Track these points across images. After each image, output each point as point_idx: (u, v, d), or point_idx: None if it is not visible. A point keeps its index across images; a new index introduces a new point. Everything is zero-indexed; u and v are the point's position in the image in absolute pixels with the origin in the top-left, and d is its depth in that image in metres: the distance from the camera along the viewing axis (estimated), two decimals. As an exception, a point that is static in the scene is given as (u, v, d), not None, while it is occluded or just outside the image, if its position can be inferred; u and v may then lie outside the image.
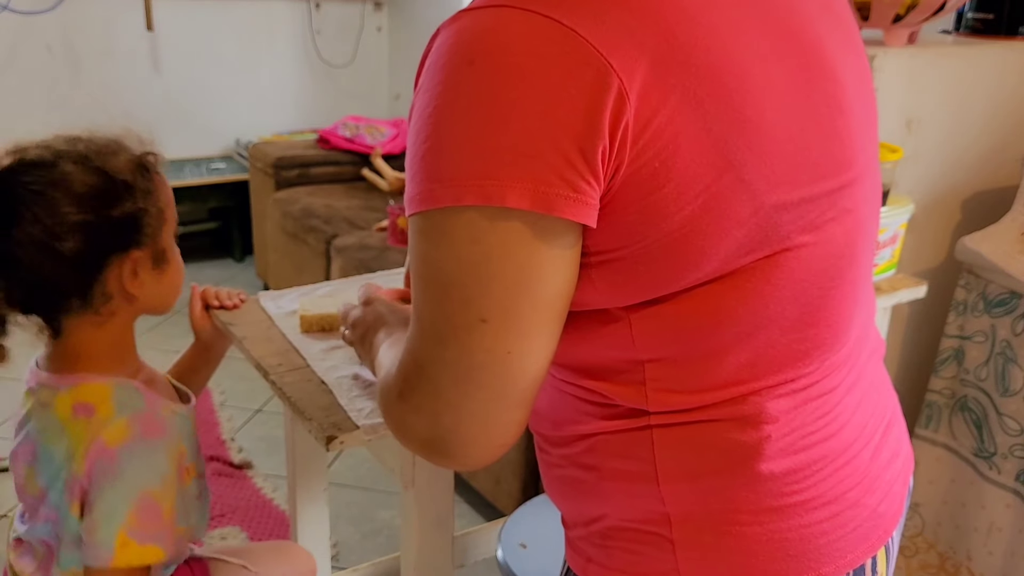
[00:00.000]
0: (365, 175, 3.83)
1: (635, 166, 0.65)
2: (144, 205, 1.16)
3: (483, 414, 0.70)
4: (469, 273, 0.67)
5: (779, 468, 0.75)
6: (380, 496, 2.60)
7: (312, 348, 1.28)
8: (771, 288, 0.72)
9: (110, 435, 1.08)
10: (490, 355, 0.68)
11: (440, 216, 0.66)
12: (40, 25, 4.03)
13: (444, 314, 0.68)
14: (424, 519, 1.15)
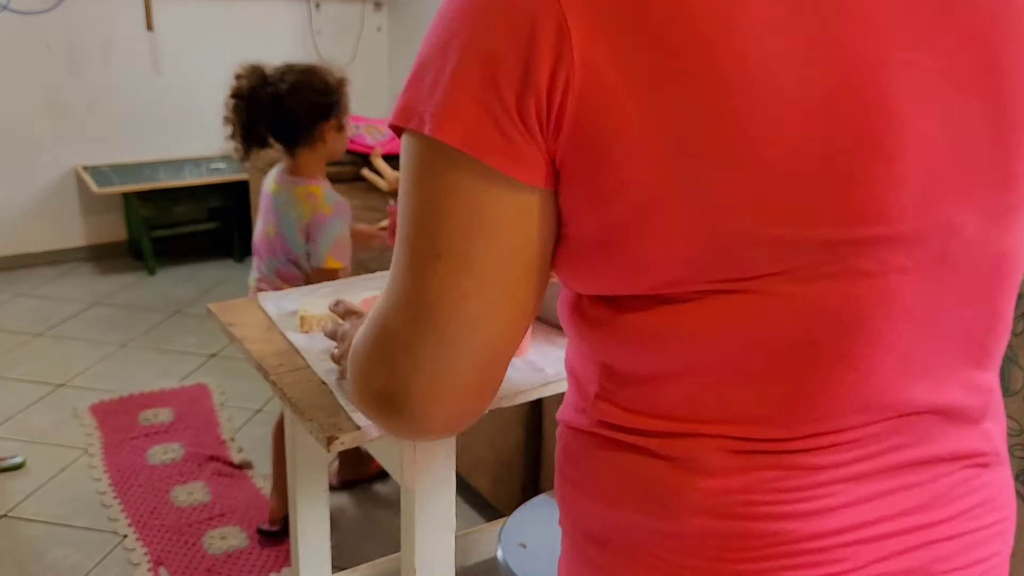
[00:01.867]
0: (365, 175, 3.82)
1: (578, 135, 0.60)
2: (339, 99, 2.24)
3: (436, 364, 0.66)
4: (427, 203, 0.64)
5: (706, 527, 0.67)
6: (380, 496, 2.61)
7: (312, 348, 1.28)
8: (721, 329, 0.63)
9: (325, 209, 2.24)
10: (444, 295, 0.64)
11: (405, 138, 0.65)
12: (40, 25, 4.03)
13: (407, 248, 0.66)
14: (424, 519, 1.15)
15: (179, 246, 4.48)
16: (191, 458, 2.76)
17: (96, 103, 4.22)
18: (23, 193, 4.22)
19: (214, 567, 2.27)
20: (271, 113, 2.23)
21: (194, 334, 3.59)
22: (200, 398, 3.11)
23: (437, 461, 1.13)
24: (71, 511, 2.48)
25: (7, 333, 3.58)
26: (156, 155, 4.41)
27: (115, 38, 4.20)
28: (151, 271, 4.27)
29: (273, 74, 2.25)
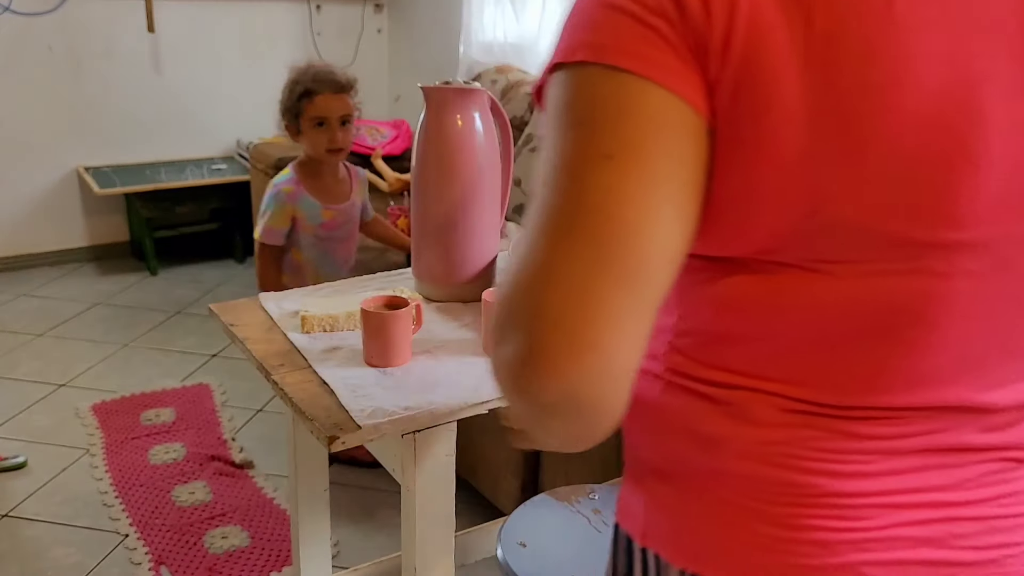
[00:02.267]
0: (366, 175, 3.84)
1: (737, 79, 0.63)
2: (306, 96, 2.39)
3: (586, 283, 0.61)
4: (590, 109, 0.64)
5: (747, 470, 0.73)
6: (380, 495, 2.61)
7: (314, 349, 1.29)
8: (791, 301, 0.69)
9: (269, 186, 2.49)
10: (608, 195, 0.62)
11: (565, 72, 0.67)
12: (41, 26, 4.04)
13: (566, 156, 0.64)
14: (425, 518, 1.16)
15: (181, 247, 4.49)
16: (192, 458, 2.77)
17: (98, 104, 4.23)
18: (25, 194, 4.23)
19: (215, 567, 2.28)
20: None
21: (195, 334, 3.60)
22: (201, 398, 3.12)
23: (437, 460, 1.14)
24: (72, 511, 2.49)
25: (9, 333, 3.59)
26: (158, 156, 4.41)
27: (116, 39, 4.21)
28: (153, 271, 4.27)
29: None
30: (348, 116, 2.44)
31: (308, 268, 2.51)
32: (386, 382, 1.19)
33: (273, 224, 2.44)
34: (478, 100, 1.41)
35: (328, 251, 2.53)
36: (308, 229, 2.47)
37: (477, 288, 1.39)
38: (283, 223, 2.45)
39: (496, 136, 1.45)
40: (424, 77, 1.81)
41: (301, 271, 2.51)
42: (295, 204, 2.44)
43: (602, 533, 1.70)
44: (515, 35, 3.84)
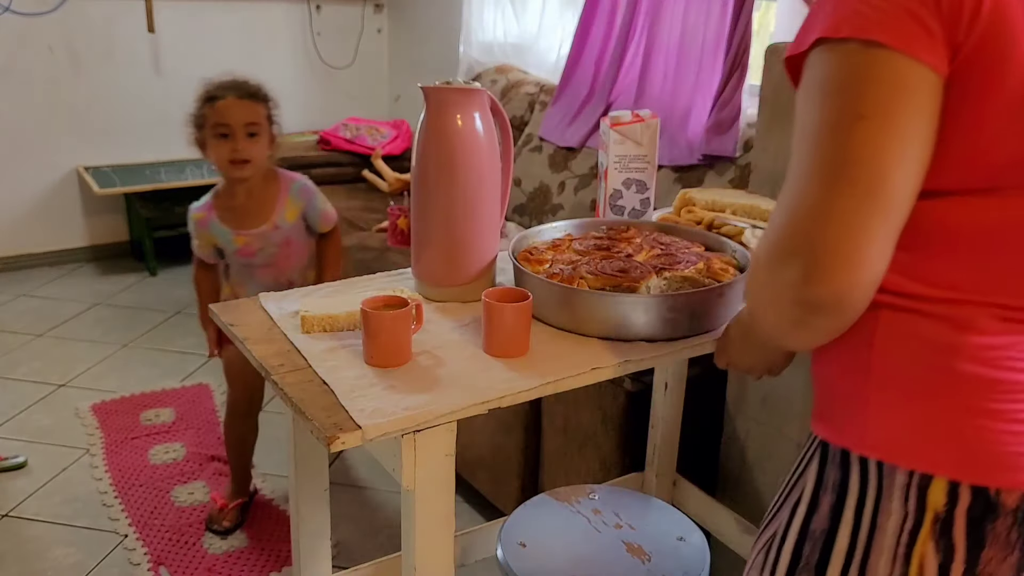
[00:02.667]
0: (365, 176, 3.84)
1: (986, 36, 0.79)
2: (203, 111, 2.23)
3: (854, 216, 0.79)
4: (852, 78, 0.81)
5: (979, 375, 0.85)
6: (380, 495, 2.62)
7: (314, 348, 1.29)
8: (1013, 223, 0.84)
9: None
10: (864, 149, 0.79)
11: (828, 47, 0.83)
12: (42, 27, 4.04)
13: (824, 119, 0.82)
14: (424, 518, 1.16)
15: (181, 247, 4.45)
16: (192, 458, 2.77)
17: (98, 104, 4.24)
18: (25, 194, 4.23)
19: (214, 567, 2.28)
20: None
21: (195, 334, 3.59)
22: (201, 398, 3.12)
23: (437, 460, 1.14)
24: (72, 511, 2.49)
25: (9, 333, 3.59)
26: (157, 156, 4.41)
27: (116, 39, 4.21)
28: (152, 272, 4.27)
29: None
30: (256, 126, 2.21)
31: (239, 288, 2.39)
32: (386, 382, 1.19)
33: (199, 248, 2.34)
34: (478, 100, 1.41)
35: (254, 275, 2.37)
36: (228, 253, 2.34)
37: (477, 288, 1.39)
38: (206, 248, 2.33)
39: (496, 136, 1.45)
40: (424, 77, 1.81)
41: (236, 288, 2.41)
42: (207, 231, 2.29)
43: (602, 533, 1.70)
44: (515, 35, 3.84)
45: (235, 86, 2.25)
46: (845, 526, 0.92)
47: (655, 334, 1.30)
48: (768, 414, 1.98)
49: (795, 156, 0.84)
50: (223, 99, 2.19)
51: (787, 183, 0.84)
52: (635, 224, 1.59)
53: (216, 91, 2.22)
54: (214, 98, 2.20)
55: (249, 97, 2.23)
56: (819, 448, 0.97)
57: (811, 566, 0.95)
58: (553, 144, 3.22)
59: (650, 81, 2.90)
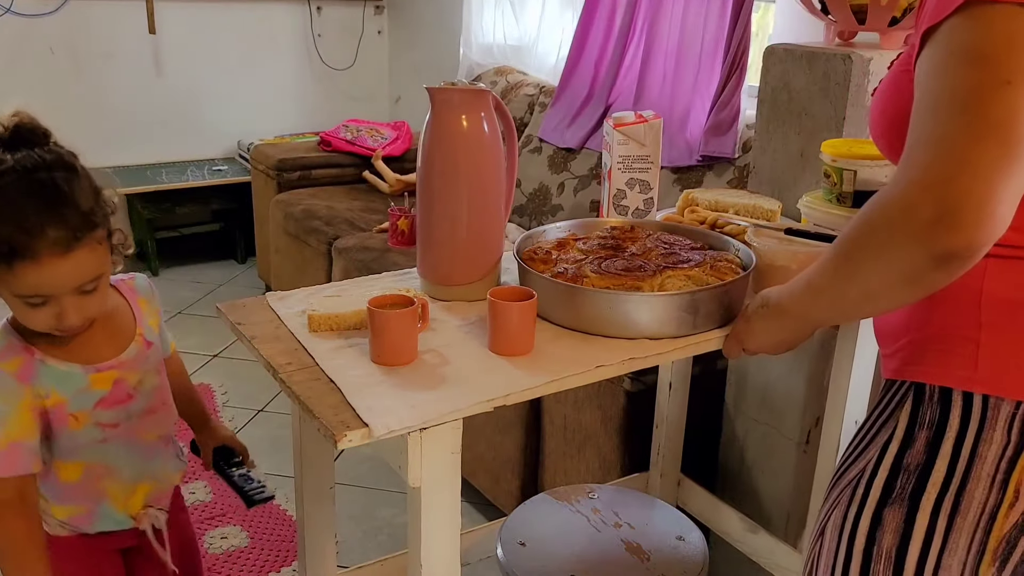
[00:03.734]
0: (366, 177, 3.85)
1: None
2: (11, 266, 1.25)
3: (995, 172, 0.82)
4: (1000, 45, 0.83)
5: None
6: (381, 495, 2.62)
7: (320, 347, 1.30)
8: None
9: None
10: (1010, 112, 0.82)
11: (980, 9, 0.84)
12: (43, 27, 4.05)
13: (969, 84, 0.84)
14: (432, 516, 1.16)
15: (182, 247, 4.50)
16: (193, 458, 2.77)
17: (99, 105, 4.24)
18: (25, 194, 4.23)
19: (215, 567, 2.29)
20: None
21: (197, 334, 3.61)
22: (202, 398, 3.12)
23: (443, 458, 1.15)
24: (75, 510, 2.50)
25: (10, 333, 3.59)
26: (159, 157, 4.42)
27: (118, 41, 4.22)
28: (154, 272, 4.28)
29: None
30: (96, 280, 1.31)
31: (97, 485, 1.40)
32: (392, 380, 1.20)
33: (13, 436, 1.30)
34: (483, 101, 1.42)
35: (131, 440, 1.42)
36: (76, 420, 1.35)
37: (482, 287, 1.40)
38: (27, 431, 1.31)
39: (501, 136, 1.46)
40: (424, 79, 1.82)
41: (81, 495, 1.40)
42: (31, 386, 1.31)
43: (601, 532, 1.71)
44: (515, 37, 3.85)
45: (50, 212, 1.22)
46: (943, 459, 0.98)
47: (660, 332, 1.31)
48: (768, 414, 2.00)
49: (930, 119, 0.87)
50: (33, 257, 1.21)
51: (918, 145, 0.87)
52: (639, 224, 1.60)
53: (17, 238, 1.20)
54: (13, 254, 1.20)
55: (80, 235, 1.25)
56: (910, 390, 1.02)
57: (904, 496, 1.00)
58: (553, 145, 3.23)
59: (649, 82, 2.92)
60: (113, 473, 1.41)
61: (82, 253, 1.25)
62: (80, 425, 1.35)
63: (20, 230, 1.20)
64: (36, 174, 1.25)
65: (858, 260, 0.96)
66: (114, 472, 1.41)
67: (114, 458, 1.40)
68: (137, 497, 1.46)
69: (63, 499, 1.40)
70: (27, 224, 1.20)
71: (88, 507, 1.42)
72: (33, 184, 1.24)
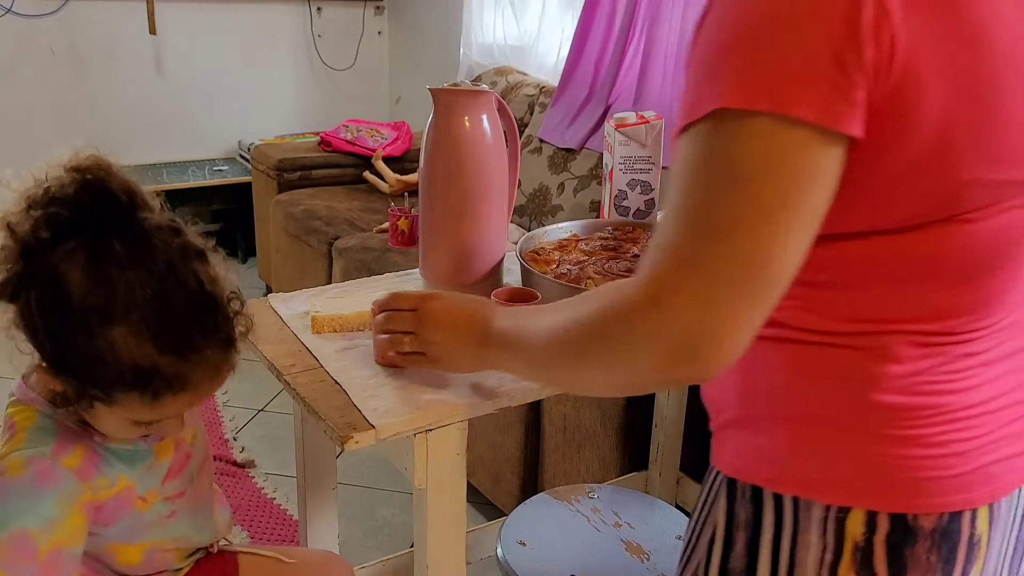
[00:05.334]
0: (366, 177, 3.85)
1: (888, 98, 0.71)
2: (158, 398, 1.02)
3: (745, 308, 0.74)
4: (757, 168, 0.72)
5: (892, 403, 0.82)
6: (381, 494, 2.63)
7: (324, 349, 1.31)
8: (932, 252, 0.78)
9: (9, 464, 1.05)
10: (767, 251, 0.73)
11: (732, 120, 0.72)
12: (43, 28, 4.05)
13: (725, 210, 0.73)
14: (436, 517, 1.17)
15: (181, 247, 4.49)
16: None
17: (99, 106, 4.24)
18: (26, 194, 4.23)
19: (219, 565, 2.29)
20: None
21: (196, 335, 3.61)
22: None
23: (448, 459, 1.15)
24: (76, 509, 2.50)
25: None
26: (159, 157, 4.42)
27: (118, 41, 4.22)
28: (153, 272, 4.28)
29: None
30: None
31: (156, 559, 1.22)
32: (397, 382, 1.20)
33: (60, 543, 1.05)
34: (486, 102, 1.43)
35: (194, 503, 1.24)
36: (144, 502, 1.15)
37: (485, 288, 1.40)
38: (76, 537, 1.07)
39: (503, 137, 1.47)
40: (424, 79, 1.82)
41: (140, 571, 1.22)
42: (93, 480, 1.08)
43: (601, 532, 1.71)
44: (515, 37, 3.86)
45: (210, 327, 1.01)
46: (764, 564, 0.89)
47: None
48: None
49: (678, 229, 0.75)
50: (190, 387, 1.01)
51: (665, 256, 0.76)
52: (641, 225, 1.61)
53: (173, 368, 0.98)
54: (167, 384, 0.99)
55: (233, 351, 1.06)
56: (724, 484, 0.92)
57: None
58: (553, 145, 3.23)
59: (649, 82, 2.92)
60: (180, 544, 1.24)
61: (229, 369, 1.05)
62: (148, 505, 1.15)
63: (181, 359, 0.97)
64: (180, 276, 0.98)
65: (580, 355, 0.86)
66: (180, 543, 1.24)
67: (179, 530, 1.22)
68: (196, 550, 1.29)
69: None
70: (189, 351, 0.97)
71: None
72: (183, 293, 0.98)
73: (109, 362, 0.96)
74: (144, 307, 0.95)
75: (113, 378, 0.97)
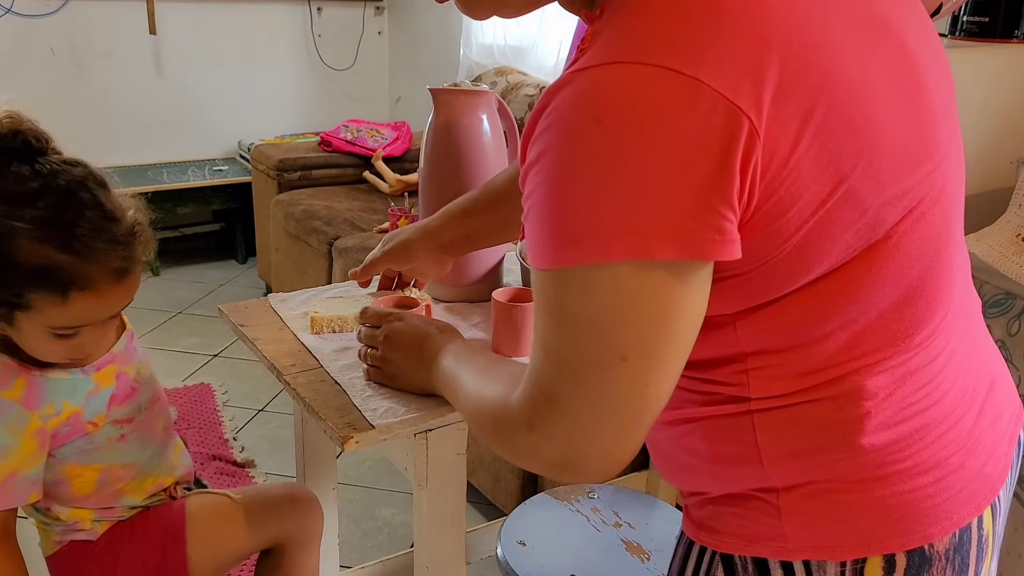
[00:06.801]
0: (366, 177, 3.86)
1: (764, 197, 0.67)
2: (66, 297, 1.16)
3: (618, 436, 0.73)
4: (611, 317, 0.68)
5: (880, 441, 0.78)
6: (381, 494, 2.63)
7: (324, 348, 1.31)
8: (872, 277, 0.75)
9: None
10: (630, 390, 0.70)
11: (582, 271, 0.68)
12: (44, 28, 4.05)
13: (580, 352, 0.70)
14: (437, 517, 1.17)
15: (183, 247, 4.50)
16: (194, 457, 2.76)
17: (99, 106, 4.24)
18: (26, 194, 4.23)
19: (219, 565, 2.29)
20: None
21: (198, 334, 3.61)
22: (203, 398, 3.13)
23: (448, 459, 1.15)
24: (77, 510, 2.50)
25: (10, 333, 3.59)
26: (160, 157, 4.43)
27: (118, 41, 4.22)
28: (155, 272, 4.28)
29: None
30: (130, 302, 1.24)
31: (109, 489, 1.34)
32: (397, 382, 1.20)
33: (14, 467, 1.22)
34: (486, 102, 1.43)
35: (144, 432, 1.36)
36: (94, 426, 1.28)
37: (486, 288, 1.40)
38: (29, 460, 1.23)
39: (503, 137, 1.47)
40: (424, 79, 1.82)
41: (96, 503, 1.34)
42: (40, 408, 1.22)
43: (601, 532, 1.71)
44: (515, 38, 3.86)
45: (107, 236, 1.14)
46: None
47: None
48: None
49: (538, 354, 0.74)
50: (93, 287, 1.14)
51: (529, 377, 0.76)
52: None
53: (74, 267, 1.12)
54: (72, 283, 1.12)
55: (133, 259, 1.19)
56: (719, 561, 0.86)
57: None
58: (553, 146, 3.23)
59: (650, 84, 2.92)
60: (129, 471, 1.35)
61: (132, 279, 1.19)
62: (98, 428, 1.29)
63: (80, 259, 1.11)
64: (78, 194, 1.13)
65: (485, 439, 0.86)
66: (130, 470, 1.35)
67: (129, 455, 1.34)
68: (154, 487, 1.40)
69: (78, 506, 1.35)
70: (88, 252, 1.11)
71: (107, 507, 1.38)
72: (80, 205, 1.12)
73: (19, 264, 1.09)
74: (44, 215, 1.10)
75: (24, 279, 1.10)
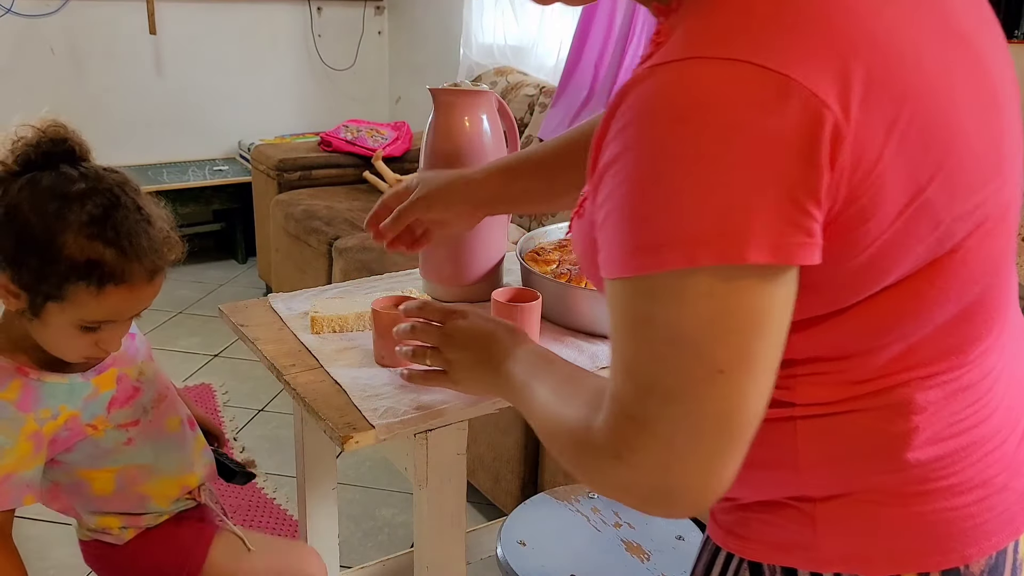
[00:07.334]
0: (366, 177, 3.85)
1: (848, 201, 0.65)
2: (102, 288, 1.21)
3: (716, 460, 0.68)
4: (704, 328, 0.65)
5: (925, 456, 0.76)
6: (381, 495, 2.63)
7: (324, 349, 1.31)
8: (935, 291, 0.73)
9: None
10: (727, 403, 0.67)
11: (669, 278, 0.65)
12: (43, 28, 4.05)
13: (669, 368, 0.67)
14: (437, 517, 1.17)
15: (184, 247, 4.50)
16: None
17: (99, 106, 4.24)
18: (26, 194, 4.23)
19: (219, 565, 2.29)
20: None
21: (198, 334, 3.61)
22: (203, 398, 3.13)
23: (449, 459, 1.15)
24: (76, 510, 2.50)
25: (10, 333, 3.59)
26: (160, 157, 4.42)
27: (118, 41, 4.22)
28: (154, 272, 4.29)
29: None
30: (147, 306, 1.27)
31: (131, 491, 1.37)
32: (397, 382, 1.20)
33: (10, 468, 1.22)
34: (486, 102, 1.43)
35: (154, 432, 1.37)
36: (95, 429, 1.30)
37: (485, 288, 1.40)
38: (25, 461, 1.23)
39: (503, 137, 1.47)
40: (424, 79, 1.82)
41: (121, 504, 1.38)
42: (36, 411, 1.23)
43: (601, 532, 1.71)
44: (515, 38, 3.86)
45: (146, 236, 1.23)
46: None
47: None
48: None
49: (619, 376, 0.70)
50: (128, 282, 1.20)
51: (612, 402, 0.71)
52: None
53: (115, 263, 1.19)
54: (110, 275, 1.18)
55: (165, 261, 1.28)
56: (746, 568, 0.84)
57: None
58: (553, 146, 3.23)
59: (650, 84, 2.92)
60: (149, 473, 1.36)
61: (160, 279, 1.26)
62: (101, 432, 1.29)
63: (124, 255, 1.19)
64: (121, 196, 1.24)
65: (564, 462, 0.80)
66: (150, 471, 1.36)
67: (141, 457, 1.34)
68: (179, 490, 1.41)
69: (104, 511, 1.38)
70: (131, 249, 1.19)
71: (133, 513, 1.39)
72: (124, 207, 1.23)
73: (66, 258, 1.15)
74: (93, 213, 1.18)
75: (67, 272, 1.16)
